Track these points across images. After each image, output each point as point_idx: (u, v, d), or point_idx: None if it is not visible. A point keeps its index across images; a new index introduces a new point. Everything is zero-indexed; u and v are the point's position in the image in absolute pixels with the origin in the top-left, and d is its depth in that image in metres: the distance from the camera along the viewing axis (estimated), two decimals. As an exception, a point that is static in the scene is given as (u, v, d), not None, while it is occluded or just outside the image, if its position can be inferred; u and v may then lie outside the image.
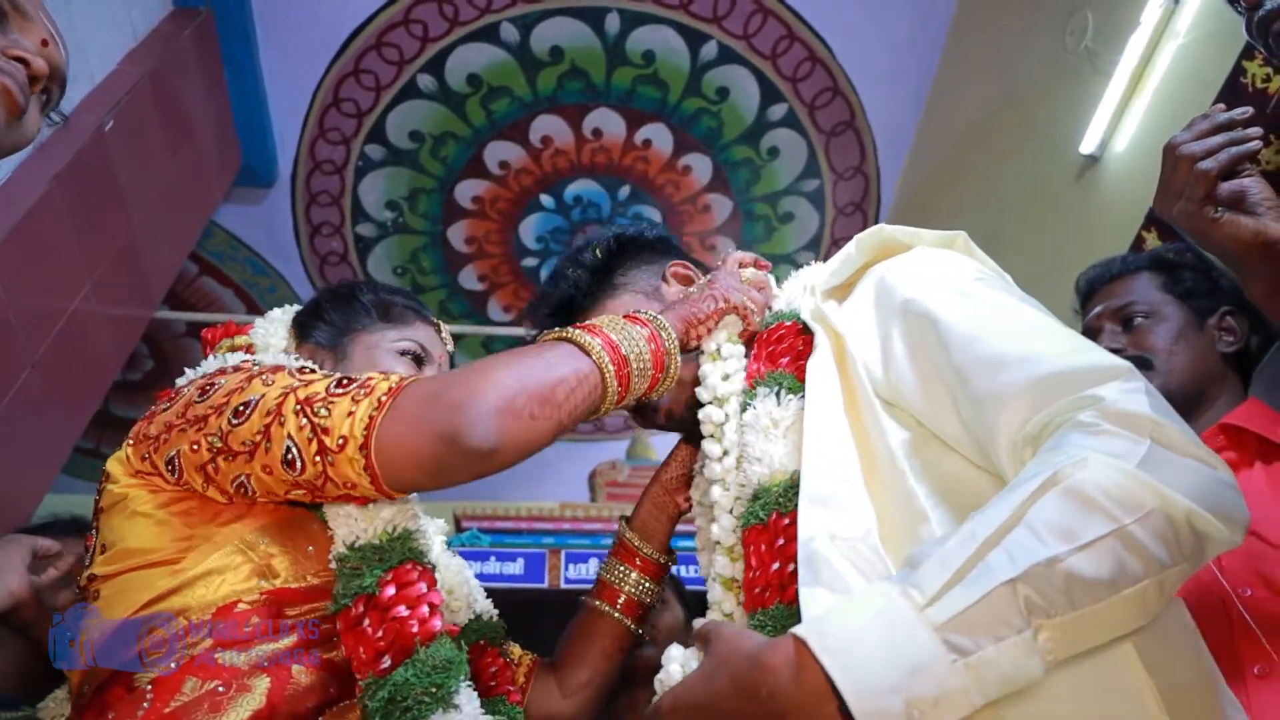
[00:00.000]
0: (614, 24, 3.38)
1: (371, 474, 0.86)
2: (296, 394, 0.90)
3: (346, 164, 3.71)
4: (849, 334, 0.98)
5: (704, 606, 1.02)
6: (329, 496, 0.91)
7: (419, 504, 1.02)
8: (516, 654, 1.25)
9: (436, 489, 0.92)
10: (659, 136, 3.73)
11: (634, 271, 1.27)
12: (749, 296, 1.13)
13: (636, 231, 1.31)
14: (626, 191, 3.92)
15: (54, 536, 1.29)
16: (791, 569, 0.85)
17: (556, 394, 0.91)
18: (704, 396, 1.07)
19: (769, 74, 3.53)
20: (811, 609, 0.80)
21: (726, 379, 1.07)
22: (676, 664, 0.87)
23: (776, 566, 0.88)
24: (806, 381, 0.98)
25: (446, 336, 1.30)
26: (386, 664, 0.83)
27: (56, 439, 2.51)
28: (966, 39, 3.32)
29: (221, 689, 0.81)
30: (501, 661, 1.18)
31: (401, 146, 3.67)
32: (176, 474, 0.92)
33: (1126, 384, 0.77)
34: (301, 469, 0.87)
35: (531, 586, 4.24)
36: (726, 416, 1.04)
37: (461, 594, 1.18)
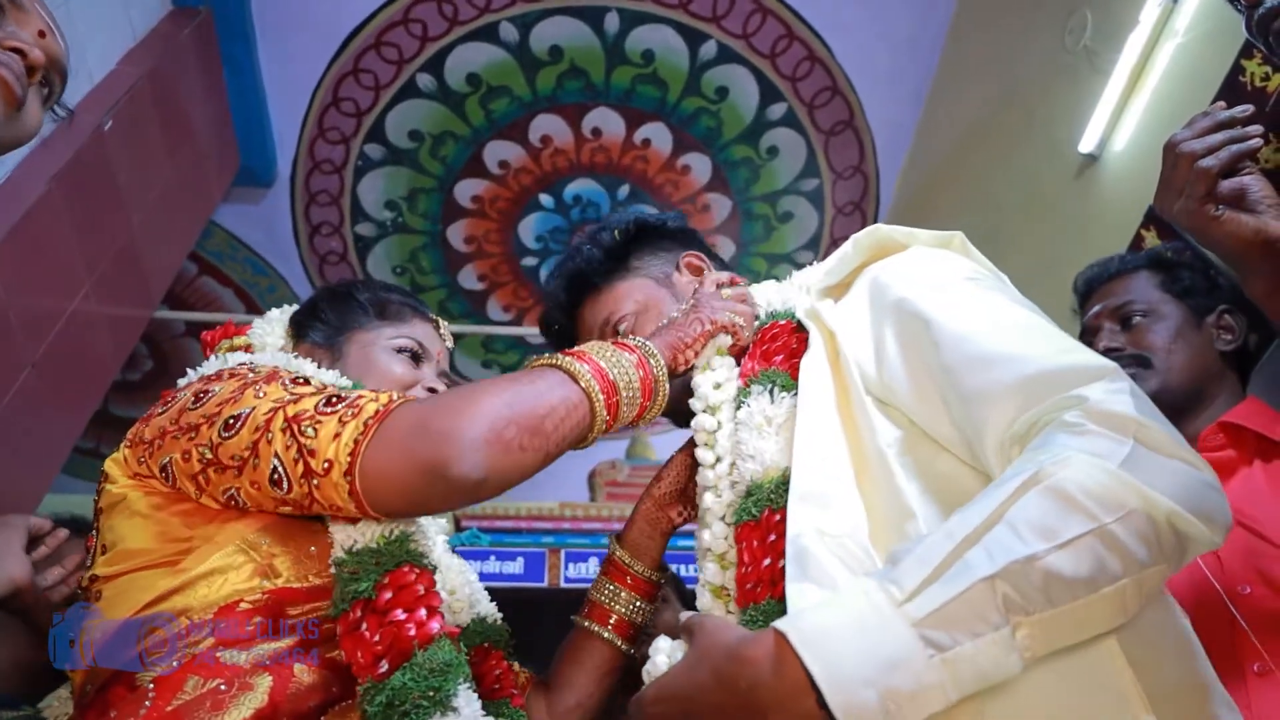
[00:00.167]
0: (613, 23, 3.38)
1: (356, 500, 0.86)
2: (285, 410, 0.88)
3: (346, 163, 3.71)
4: (842, 332, 0.99)
5: None
6: (317, 512, 0.90)
7: None
8: (516, 669, 1.23)
9: (421, 515, 0.91)
10: (658, 136, 3.74)
11: (649, 257, 1.29)
12: (734, 311, 1.12)
13: (658, 219, 1.32)
14: (626, 191, 3.91)
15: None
16: (782, 565, 0.86)
17: (546, 424, 0.90)
18: (696, 406, 1.07)
19: (768, 73, 3.53)
20: (799, 604, 0.80)
21: (718, 388, 1.07)
22: (663, 655, 0.88)
23: (768, 562, 0.89)
24: (799, 379, 0.99)
25: (445, 333, 1.30)
26: (384, 668, 0.82)
27: (56, 439, 2.51)
28: (966, 38, 3.32)
29: (224, 687, 0.80)
30: (505, 665, 1.16)
31: (401, 146, 3.67)
32: (170, 480, 0.92)
33: (1112, 384, 0.77)
34: (288, 489, 0.87)
35: (531, 586, 4.24)
36: (719, 424, 1.05)
37: (463, 594, 1.18)
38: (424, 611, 0.85)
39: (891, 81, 3.55)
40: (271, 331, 1.21)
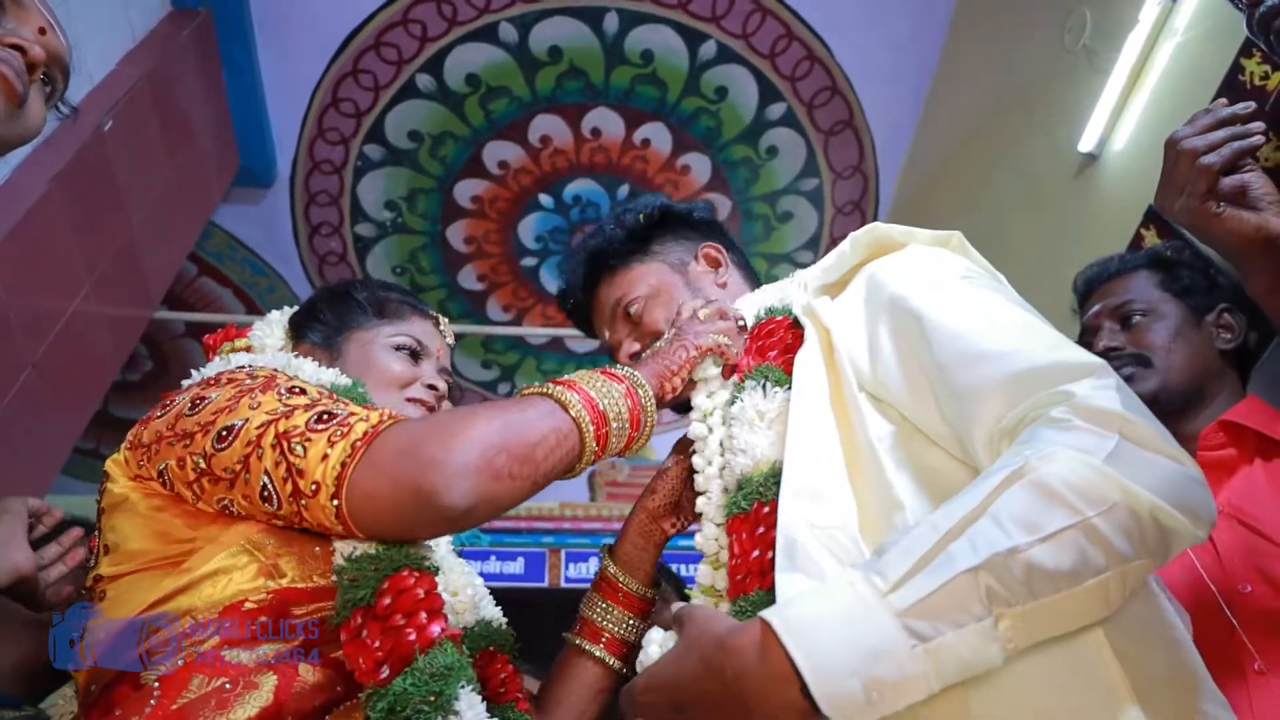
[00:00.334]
0: (612, 23, 3.38)
1: (344, 523, 0.85)
2: (277, 426, 0.88)
3: (345, 164, 3.71)
4: (836, 329, 1.00)
5: None
6: (309, 528, 0.90)
7: None
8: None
9: (409, 539, 0.89)
10: (658, 136, 3.74)
11: (670, 243, 1.32)
12: (717, 331, 1.12)
13: (684, 207, 1.35)
14: (625, 191, 3.92)
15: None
16: (771, 556, 0.87)
17: (536, 453, 0.90)
18: (694, 417, 1.09)
19: (768, 73, 3.54)
20: (787, 594, 0.81)
21: (710, 396, 1.09)
22: (655, 645, 0.89)
23: (757, 554, 0.90)
24: (794, 375, 1.00)
25: (446, 329, 1.29)
26: (385, 674, 0.82)
27: (56, 439, 2.51)
28: (965, 38, 3.32)
29: (228, 686, 0.80)
30: (511, 669, 1.14)
31: (400, 146, 3.67)
32: (168, 485, 0.92)
33: (1099, 380, 0.78)
34: (278, 506, 0.87)
35: (531, 586, 4.24)
36: (710, 430, 1.07)
37: (466, 596, 1.17)
38: (424, 615, 0.85)
39: (891, 81, 3.55)
40: (271, 333, 1.21)
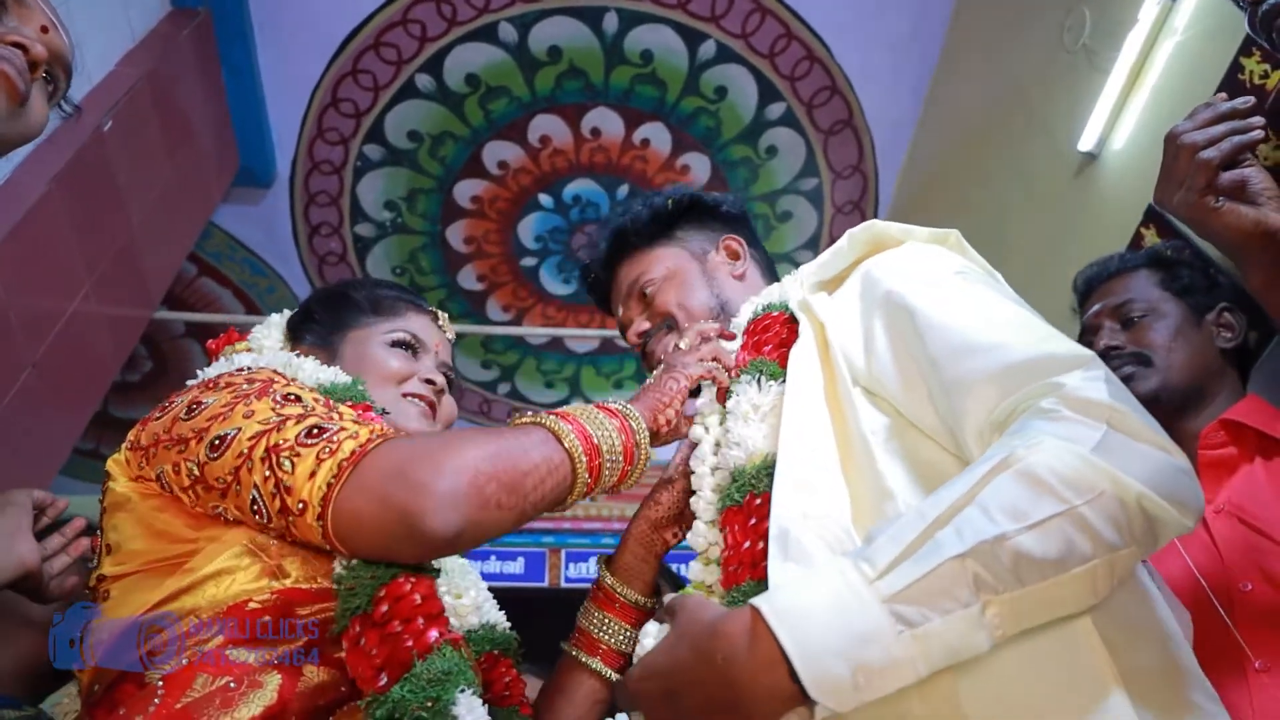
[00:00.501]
0: (612, 23, 3.38)
1: (330, 542, 0.85)
2: (268, 438, 0.87)
3: (345, 164, 3.71)
4: (830, 323, 1.01)
5: None
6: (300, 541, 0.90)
7: None
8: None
9: (393, 561, 0.88)
10: (657, 136, 3.74)
11: (694, 231, 1.34)
12: (705, 357, 1.13)
13: (714, 199, 1.37)
14: (625, 191, 3.92)
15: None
16: (763, 546, 0.88)
17: (526, 482, 0.89)
18: (696, 434, 1.10)
19: (767, 73, 3.54)
20: (779, 583, 0.82)
21: (707, 428, 1.10)
22: (651, 638, 0.91)
23: (749, 545, 0.91)
24: (788, 369, 1.02)
25: (445, 324, 1.29)
26: (384, 681, 0.82)
27: (56, 440, 2.51)
28: (964, 37, 3.32)
29: (233, 685, 0.80)
30: (514, 673, 1.15)
31: (400, 146, 3.67)
32: (166, 488, 0.92)
33: (1088, 372, 0.79)
34: (267, 520, 0.87)
35: (531, 586, 4.24)
36: (706, 430, 1.09)
37: (469, 598, 1.17)
38: (421, 621, 0.85)
39: (890, 81, 3.55)
40: (269, 335, 1.21)
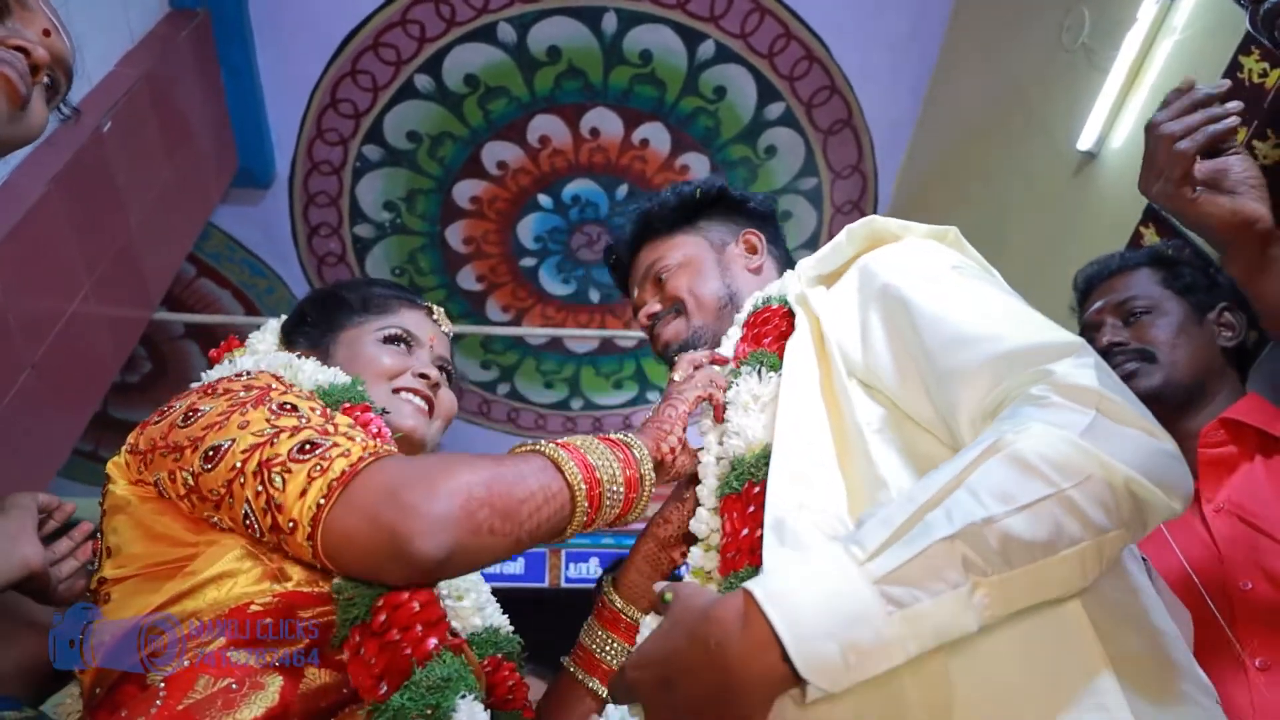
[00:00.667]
0: (611, 23, 3.38)
1: (321, 562, 0.85)
2: (261, 452, 0.87)
3: (344, 165, 3.71)
4: (826, 317, 1.03)
5: None
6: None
7: None
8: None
9: (380, 581, 0.86)
10: (656, 136, 3.74)
11: (716, 222, 1.37)
12: (701, 382, 1.14)
13: (741, 194, 1.39)
14: (624, 191, 3.91)
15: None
16: (760, 534, 0.89)
17: (521, 510, 0.87)
18: (703, 458, 1.10)
19: (766, 73, 3.54)
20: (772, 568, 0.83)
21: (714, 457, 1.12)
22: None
23: (747, 532, 0.92)
24: (784, 361, 1.03)
25: (440, 318, 1.28)
26: (384, 690, 0.82)
27: (55, 441, 2.51)
28: (963, 36, 3.32)
29: (234, 687, 0.80)
30: (518, 677, 1.14)
31: (399, 147, 3.67)
32: (164, 495, 0.92)
33: (1079, 359, 0.80)
34: (260, 535, 0.86)
35: (531, 586, 4.25)
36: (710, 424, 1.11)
37: (470, 600, 1.17)
38: (420, 628, 0.84)
39: (889, 80, 3.55)
40: (264, 340, 1.21)
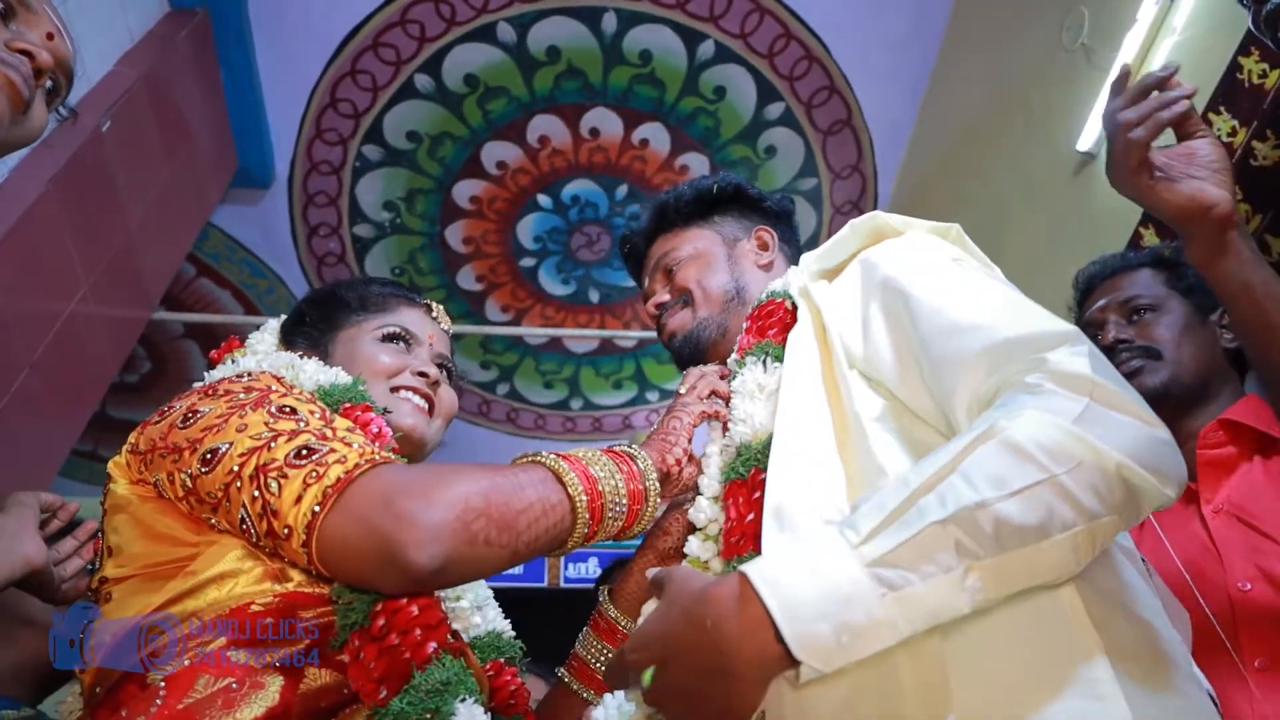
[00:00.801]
0: (611, 23, 3.38)
1: (317, 568, 0.85)
2: (258, 457, 0.86)
3: (344, 165, 3.71)
4: (828, 310, 1.04)
5: None
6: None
7: None
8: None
9: (375, 590, 0.86)
10: (656, 136, 3.73)
11: (731, 218, 1.38)
12: (704, 396, 1.16)
13: (757, 193, 1.41)
14: (624, 191, 3.91)
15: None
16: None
17: (519, 521, 0.87)
18: (703, 483, 1.11)
19: (766, 73, 3.53)
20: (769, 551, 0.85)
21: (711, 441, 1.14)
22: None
23: (750, 517, 0.94)
24: (787, 351, 1.05)
25: (440, 315, 1.28)
26: (384, 694, 0.82)
27: (54, 441, 2.51)
28: (963, 36, 3.32)
29: (235, 686, 0.80)
30: (519, 681, 1.14)
31: (399, 147, 3.67)
32: (163, 495, 0.92)
33: (1073, 348, 0.80)
34: (256, 539, 0.86)
35: (531, 586, 4.24)
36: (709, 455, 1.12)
37: (468, 599, 1.17)
38: (419, 632, 0.84)
39: (889, 80, 3.55)
40: (264, 340, 1.20)
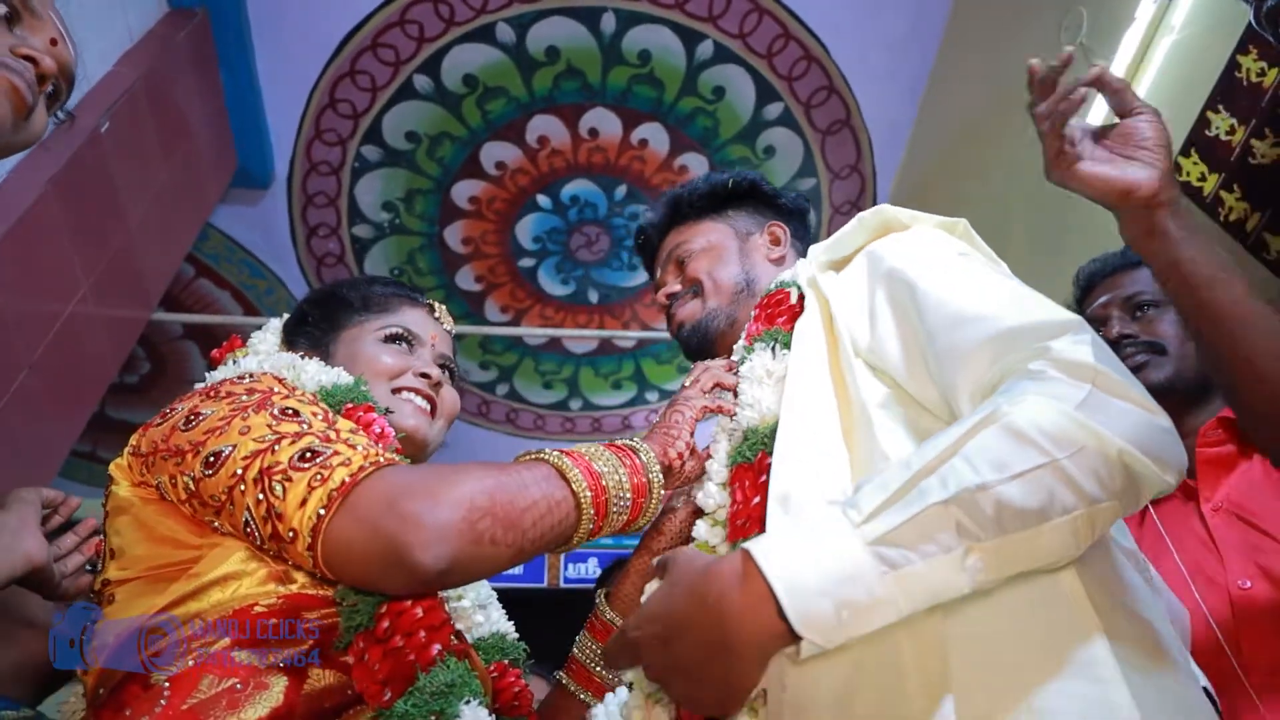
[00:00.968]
0: (610, 23, 3.38)
1: (322, 572, 0.85)
2: (262, 460, 0.86)
3: (343, 165, 3.71)
4: (835, 300, 1.06)
5: None
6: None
7: None
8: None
9: (380, 593, 0.87)
10: (655, 136, 3.74)
11: (745, 212, 1.40)
12: (708, 391, 1.16)
13: (772, 190, 1.42)
14: (623, 191, 3.91)
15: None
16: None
17: (524, 519, 0.87)
18: (711, 468, 1.11)
19: (765, 73, 3.54)
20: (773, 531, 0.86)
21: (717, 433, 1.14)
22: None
23: (757, 500, 0.94)
24: (794, 339, 1.07)
25: (442, 315, 1.28)
26: (388, 696, 0.82)
27: (53, 442, 2.51)
28: (962, 36, 3.32)
29: (239, 686, 0.80)
30: (523, 683, 1.14)
31: (398, 147, 3.67)
32: (165, 498, 0.92)
33: (1076, 336, 0.81)
34: (260, 543, 0.86)
35: (531, 586, 4.24)
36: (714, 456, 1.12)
37: (469, 598, 1.17)
38: (423, 634, 0.84)
39: (888, 80, 3.55)
40: (266, 340, 1.20)
